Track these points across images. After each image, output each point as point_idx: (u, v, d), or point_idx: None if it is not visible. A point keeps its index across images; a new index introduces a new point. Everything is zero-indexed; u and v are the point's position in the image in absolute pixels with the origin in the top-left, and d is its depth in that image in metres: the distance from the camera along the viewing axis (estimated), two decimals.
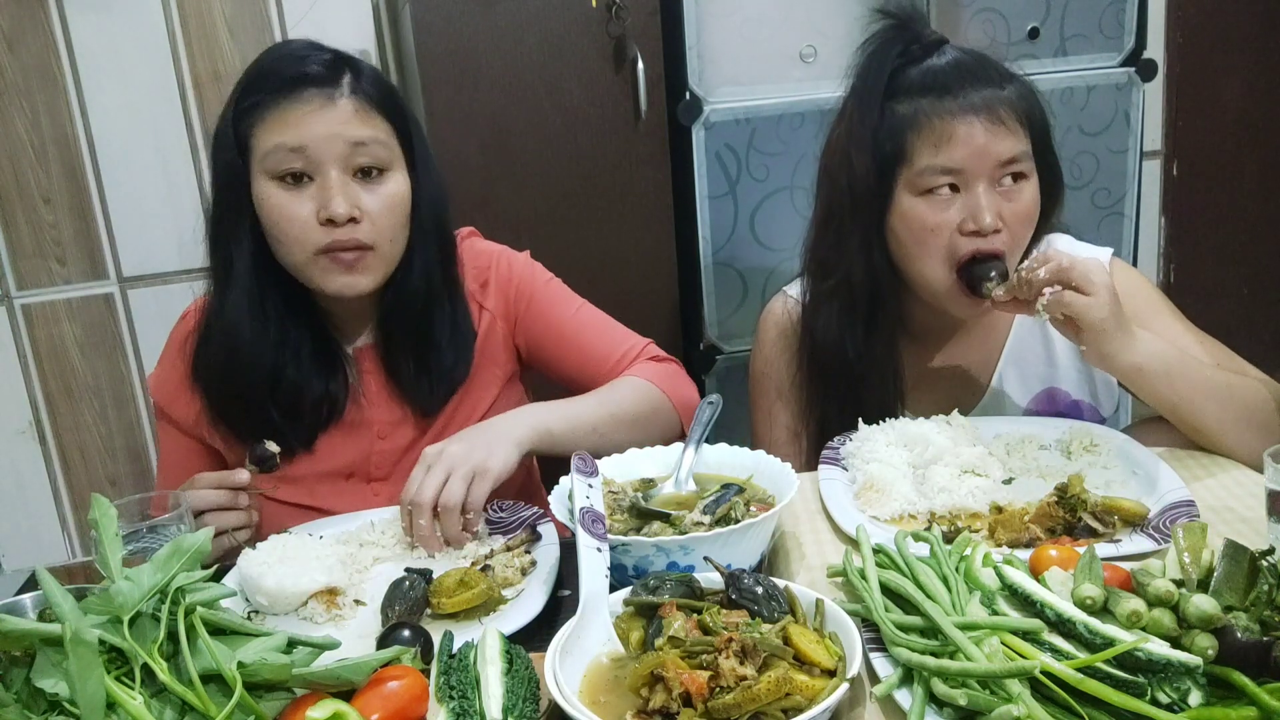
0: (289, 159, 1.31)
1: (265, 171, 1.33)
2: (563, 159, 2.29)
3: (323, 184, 1.32)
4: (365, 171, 1.35)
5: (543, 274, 1.59)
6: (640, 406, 1.46)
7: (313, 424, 1.45)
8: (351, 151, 1.32)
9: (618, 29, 2.23)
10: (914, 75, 1.40)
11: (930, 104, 1.37)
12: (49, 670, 0.81)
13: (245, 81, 1.37)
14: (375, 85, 1.37)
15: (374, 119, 1.35)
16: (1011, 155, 1.36)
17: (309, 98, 1.31)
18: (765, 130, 2.28)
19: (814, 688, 0.83)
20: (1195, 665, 0.79)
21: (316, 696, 0.84)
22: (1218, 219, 3.22)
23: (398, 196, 1.37)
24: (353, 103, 1.33)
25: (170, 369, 1.50)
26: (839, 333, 1.49)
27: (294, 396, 1.42)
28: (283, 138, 1.31)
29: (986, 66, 1.40)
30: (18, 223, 2.65)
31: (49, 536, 2.85)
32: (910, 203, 1.39)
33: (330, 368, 1.45)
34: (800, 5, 2.26)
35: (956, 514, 1.21)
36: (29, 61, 2.56)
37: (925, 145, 1.36)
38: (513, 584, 1.17)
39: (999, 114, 1.35)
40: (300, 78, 1.32)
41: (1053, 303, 1.25)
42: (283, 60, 1.35)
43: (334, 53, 1.37)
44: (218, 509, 1.30)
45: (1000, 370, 1.54)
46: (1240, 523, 1.15)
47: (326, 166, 1.32)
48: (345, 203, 1.31)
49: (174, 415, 1.50)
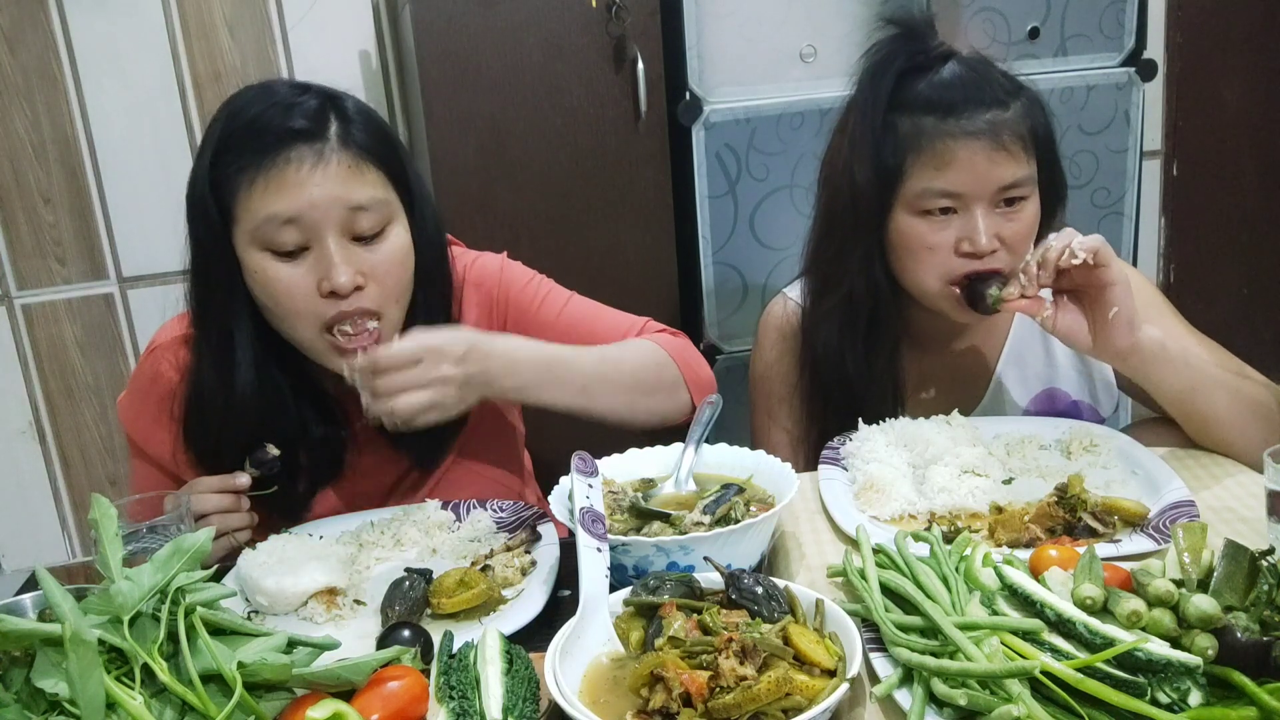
0: (283, 232, 1.21)
1: (255, 240, 1.22)
2: (563, 159, 2.29)
3: (320, 253, 1.22)
4: (363, 235, 1.25)
5: (520, 275, 1.49)
6: (642, 373, 1.37)
7: (311, 485, 1.39)
8: (349, 216, 1.22)
9: (618, 29, 2.23)
10: (918, 90, 1.38)
11: (932, 124, 1.35)
12: (49, 670, 0.81)
13: (222, 135, 1.24)
14: (365, 130, 1.26)
15: (368, 173, 1.24)
16: (1012, 180, 1.34)
17: (297, 157, 1.20)
18: (765, 130, 2.28)
19: (814, 688, 0.83)
20: (1195, 665, 0.79)
21: (316, 696, 0.84)
22: (1218, 219, 3.22)
23: (400, 252, 1.28)
24: (345, 158, 1.23)
25: (143, 405, 1.41)
26: (839, 348, 1.48)
27: (294, 463, 1.36)
28: (274, 208, 1.20)
29: (992, 83, 1.37)
30: (18, 223, 2.65)
31: (49, 536, 2.85)
32: (908, 221, 1.38)
33: (329, 427, 1.39)
34: (800, 5, 2.26)
35: (956, 514, 1.21)
36: (29, 61, 2.57)
37: (925, 167, 1.35)
38: (513, 584, 1.17)
39: (1001, 139, 1.33)
40: (286, 134, 1.21)
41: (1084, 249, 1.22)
42: (265, 112, 1.23)
43: (318, 96, 1.26)
44: (220, 512, 1.29)
45: (1000, 371, 1.54)
46: (1240, 523, 1.15)
47: (324, 233, 1.21)
48: (348, 271, 1.22)
49: (149, 451, 1.42)
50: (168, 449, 1.38)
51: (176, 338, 1.41)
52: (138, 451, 1.44)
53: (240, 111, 1.25)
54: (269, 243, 1.22)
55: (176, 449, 1.37)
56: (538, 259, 1.61)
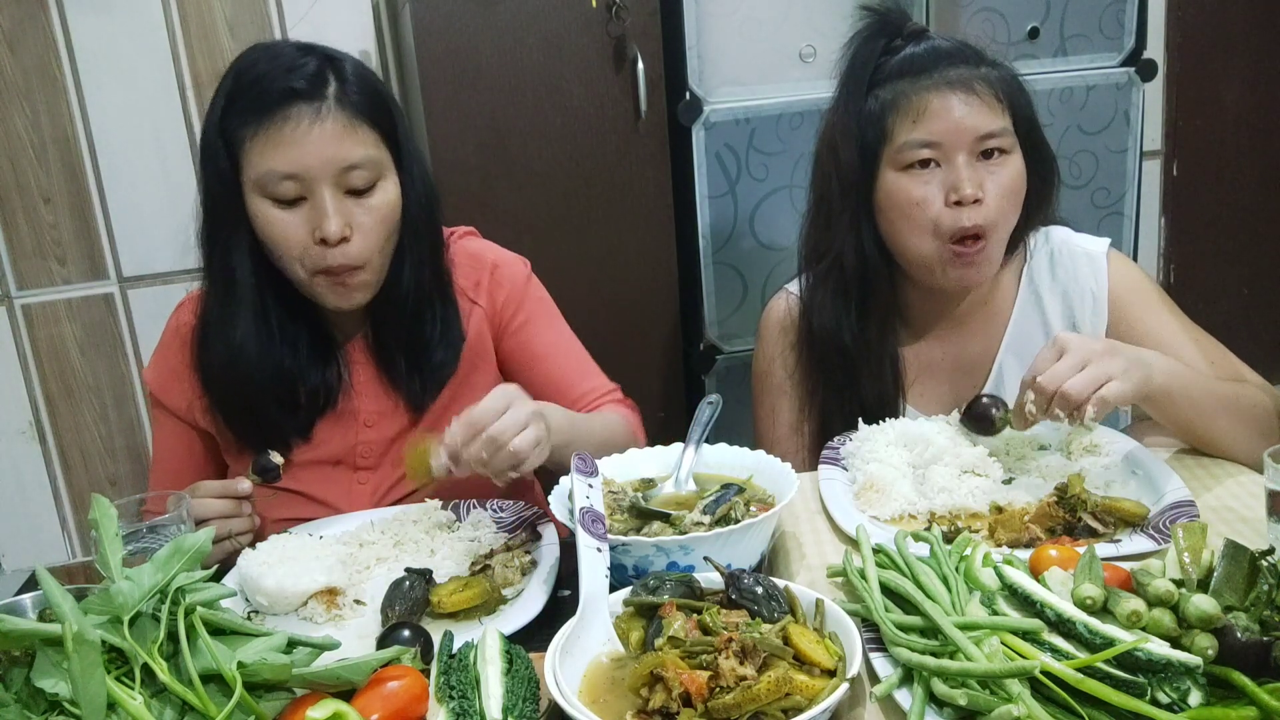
0: (281, 184, 1.31)
1: (257, 189, 1.33)
2: (563, 159, 2.29)
3: (315, 204, 1.32)
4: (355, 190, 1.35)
5: (537, 291, 1.59)
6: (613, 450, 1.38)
7: (308, 415, 1.47)
8: (342, 173, 1.32)
9: (618, 29, 2.23)
10: (895, 63, 1.45)
11: (908, 84, 1.42)
12: (49, 670, 0.81)
13: (229, 89, 1.35)
14: (361, 91, 1.35)
15: (362, 131, 1.33)
16: (989, 130, 1.39)
17: (296, 115, 1.30)
18: (765, 130, 2.28)
19: (814, 688, 0.83)
20: (1195, 665, 0.79)
21: (316, 696, 0.84)
22: (1218, 219, 3.22)
23: (388, 207, 1.37)
24: (341, 117, 1.32)
25: (164, 358, 1.52)
26: (834, 319, 1.51)
27: (291, 391, 1.44)
28: (273, 163, 1.30)
29: (965, 49, 1.44)
30: (18, 223, 2.65)
31: (49, 536, 2.85)
32: (894, 179, 1.43)
33: (325, 360, 1.47)
34: (800, 5, 2.26)
35: (956, 514, 1.21)
36: (29, 61, 2.56)
37: (904, 121, 1.41)
38: (513, 584, 1.17)
39: (974, 88, 1.39)
40: (287, 93, 1.30)
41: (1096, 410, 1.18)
42: (268, 72, 1.33)
43: (318, 57, 1.35)
44: (221, 517, 1.31)
45: (1000, 360, 1.54)
46: (1240, 523, 1.15)
47: (319, 186, 1.31)
48: (338, 222, 1.31)
49: (168, 403, 1.51)
50: (186, 400, 1.48)
51: (198, 295, 1.49)
52: (158, 406, 1.53)
53: (247, 70, 1.35)
54: (269, 192, 1.33)
55: (193, 396, 1.47)
56: (538, 258, 1.62)
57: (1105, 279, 1.50)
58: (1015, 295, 1.55)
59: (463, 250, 1.55)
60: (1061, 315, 1.52)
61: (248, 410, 1.44)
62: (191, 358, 1.46)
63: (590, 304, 2.33)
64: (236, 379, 1.41)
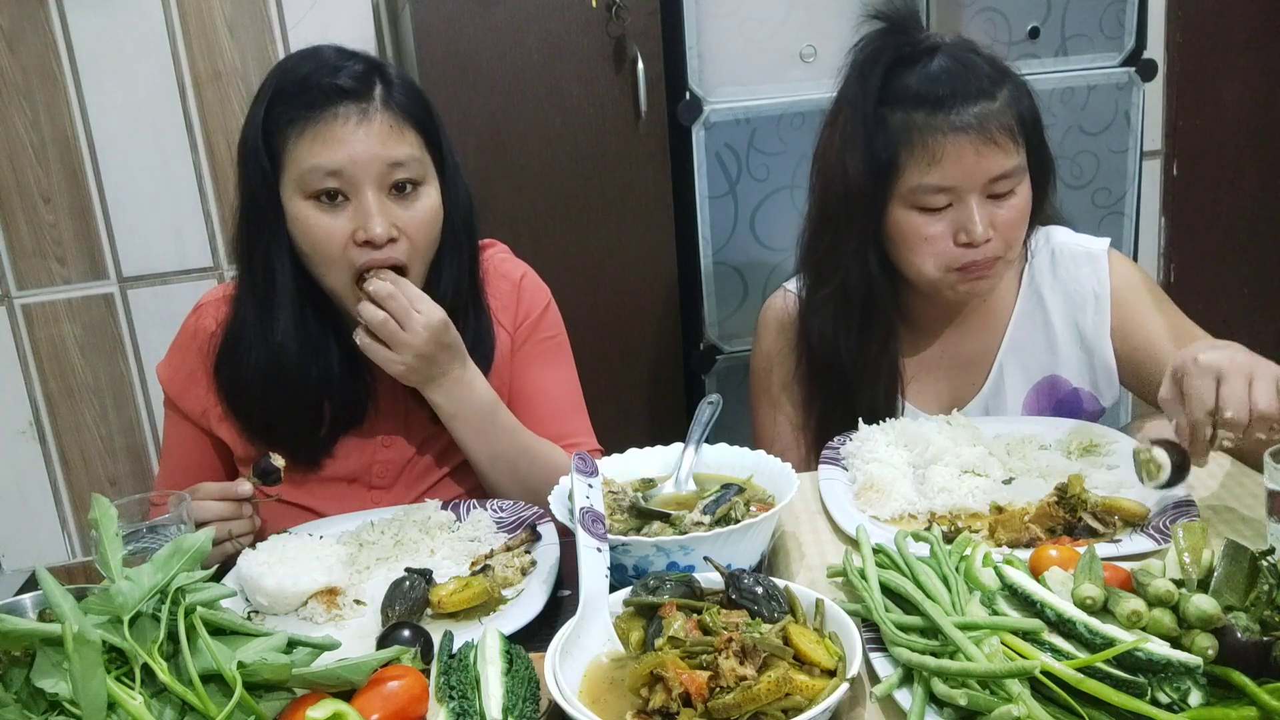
0: (326, 181, 1.30)
1: (299, 189, 1.32)
2: (563, 159, 2.29)
3: (359, 204, 1.31)
4: (399, 187, 1.34)
5: (554, 324, 1.57)
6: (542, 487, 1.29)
7: (333, 430, 1.45)
8: (388, 171, 1.31)
9: (618, 29, 2.23)
10: (907, 83, 1.40)
11: (922, 119, 1.37)
12: (49, 670, 0.81)
13: (274, 89, 1.34)
14: (406, 94, 1.36)
15: (407, 133, 1.34)
16: (1002, 171, 1.37)
17: (344, 113, 1.30)
18: (765, 130, 2.28)
19: (814, 688, 0.83)
20: (1195, 665, 0.79)
21: (316, 696, 0.84)
22: (1218, 219, 3.22)
23: (431, 211, 1.36)
24: (387, 117, 1.32)
25: (181, 360, 1.49)
26: (834, 337, 1.50)
27: (319, 405, 1.42)
28: (319, 159, 1.30)
29: (978, 74, 1.39)
30: (18, 223, 2.65)
31: (49, 536, 2.85)
32: (904, 214, 1.41)
33: (354, 376, 1.44)
34: (800, 5, 2.26)
35: (956, 514, 1.21)
36: (29, 61, 2.56)
37: (917, 163, 1.38)
38: (513, 584, 1.17)
39: (990, 132, 1.36)
40: (334, 91, 1.30)
41: None
42: (315, 71, 1.33)
43: (365, 61, 1.36)
44: (221, 519, 1.30)
45: (1001, 358, 1.54)
46: (1240, 523, 1.16)
47: (363, 186, 1.31)
48: (384, 223, 1.30)
49: (183, 406, 1.49)
50: (201, 406, 1.46)
51: (220, 298, 1.48)
52: (171, 406, 1.51)
53: (293, 70, 1.35)
54: (311, 191, 1.31)
55: (209, 403, 1.45)
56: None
57: (1107, 279, 1.50)
58: (1016, 295, 1.55)
59: (494, 265, 1.54)
60: (1064, 315, 1.52)
61: (272, 422, 1.41)
62: (212, 366, 1.43)
63: (590, 304, 2.33)
64: (273, 383, 1.38)
